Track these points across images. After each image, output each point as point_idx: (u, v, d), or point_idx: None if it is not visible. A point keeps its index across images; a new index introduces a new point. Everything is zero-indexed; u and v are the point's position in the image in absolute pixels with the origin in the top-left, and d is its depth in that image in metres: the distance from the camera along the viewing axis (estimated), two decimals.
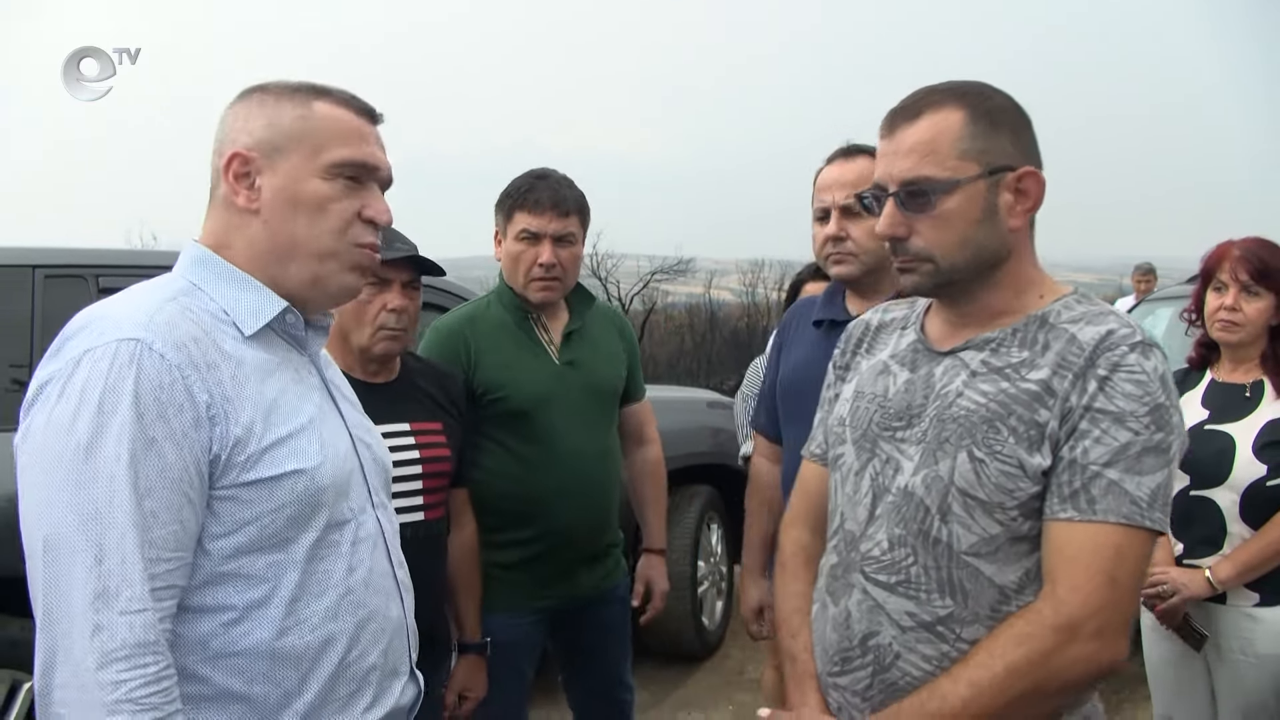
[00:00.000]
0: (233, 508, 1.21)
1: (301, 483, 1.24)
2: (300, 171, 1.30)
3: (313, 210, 1.30)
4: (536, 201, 2.39)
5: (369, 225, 1.34)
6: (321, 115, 1.32)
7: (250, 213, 1.30)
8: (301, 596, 1.25)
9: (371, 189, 1.35)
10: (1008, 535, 1.34)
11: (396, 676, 1.40)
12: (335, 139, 1.31)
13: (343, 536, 1.31)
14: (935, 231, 1.37)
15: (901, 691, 1.37)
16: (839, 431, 1.55)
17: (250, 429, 1.21)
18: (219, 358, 1.22)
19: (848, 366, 1.65)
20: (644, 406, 2.76)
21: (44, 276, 2.99)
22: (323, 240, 1.31)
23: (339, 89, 1.36)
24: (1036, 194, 1.39)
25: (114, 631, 1.10)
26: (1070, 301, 1.41)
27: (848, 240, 2.17)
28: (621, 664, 2.66)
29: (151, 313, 1.20)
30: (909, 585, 1.38)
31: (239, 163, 1.29)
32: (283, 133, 1.30)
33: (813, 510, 1.64)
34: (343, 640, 1.29)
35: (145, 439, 1.13)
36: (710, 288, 21.31)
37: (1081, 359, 1.32)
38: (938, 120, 1.37)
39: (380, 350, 2.08)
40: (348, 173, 1.32)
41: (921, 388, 1.44)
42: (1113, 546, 1.27)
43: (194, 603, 1.20)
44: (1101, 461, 1.28)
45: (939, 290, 1.44)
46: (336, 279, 1.34)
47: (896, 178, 1.38)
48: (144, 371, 1.14)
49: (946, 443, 1.37)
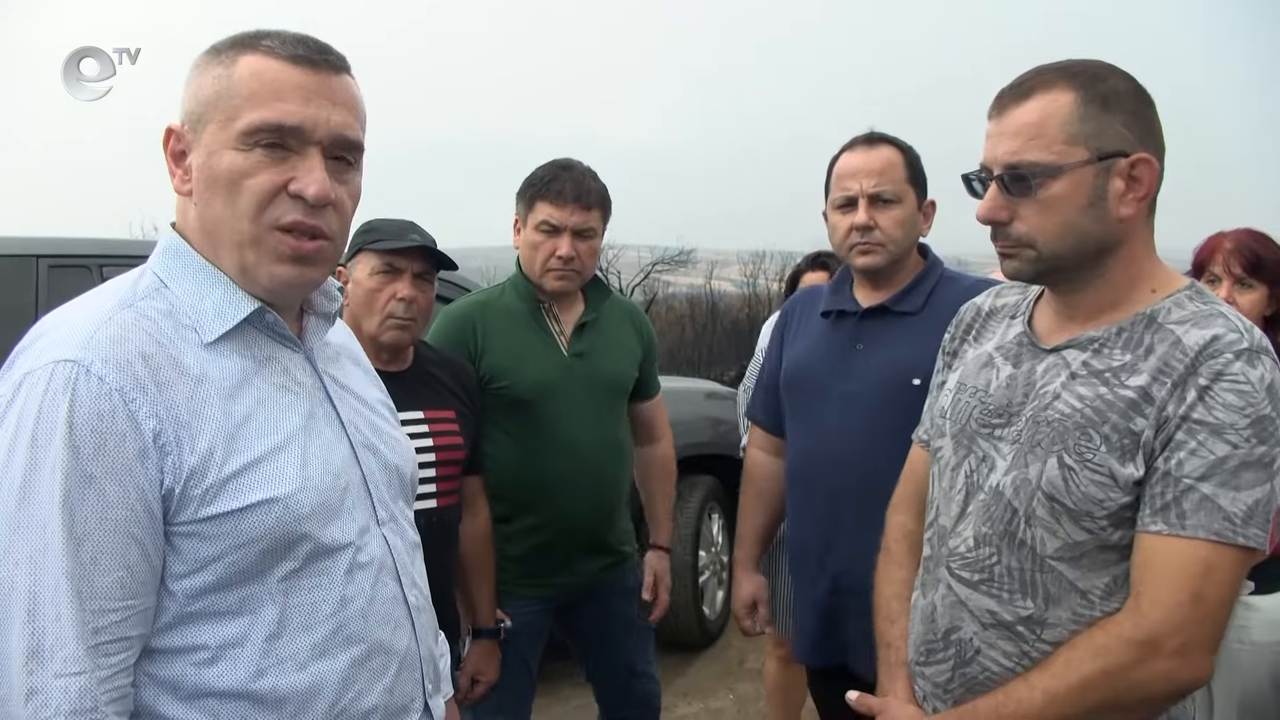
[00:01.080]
0: (195, 544, 1.07)
1: (274, 513, 1.09)
2: (214, 142, 1.11)
3: (226, 188, 1.10)
4: (559, 193, 2.38)
5: (298, 202, 1.11)
6: (240, 73, 1.11)
7: (185, 196, 1.15)
8: (282, 633, 1.11)
9: (306, 155, 1.12)
10: (1095, 543, 1.30)
11: (405, 714, 1.25)
12: (250, 100, 1.10)
13: (335, 564, 1.15)
14: (1038, 217, 1.32)
15: (981, 686, 1.37)
16: (940, 423, 1.53)
17: (209, 456, 1.06)
18: (174, 375, 1.06)
19: (955, 354, 1.61)
20: (657, 404, 2.77)
21: (48, 266, 3.01)
22: (239, 224, 1.11)
23: (280, 32, 1.15)
24: (1150, 182, 1.32)
25: (48, 697, 0.98)
26: (1182, 298, 1.33)
27: (876, 230, 2.10)
28: (638, 653, 2.67)
29: (97, 326, 1.05)
30: (992, 584, 1.37)
31: (174, 140, 1.15)
32: (203, 100, 1.12)
33: (919, 496, 1.61)
34: (334, 679, 1.14)
35: (81, 476, 0.99)
36: (711, 278, 21.28)
37: (1183, 365, 1.26)
38: (1047, 101, 1.30)
39: (388, 339, 2.10)
40: (264, 139, 1.10)
41: (1023, 385, 1.40)
42: (1201, 563, 1.22)
43: (162, 644, 1.07)
44: (1195, 475, 1.23)
45: (1041, 278, 1.39)
46: (264, 270, 1.14)
47: (1000, 160, 1.33)
48: (79, 399, 1.00)
49: (1039, 446, 1.33)
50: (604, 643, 2.63)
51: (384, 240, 2.10)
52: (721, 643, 4.79)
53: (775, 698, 3.48)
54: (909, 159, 2.15)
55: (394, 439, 1.34)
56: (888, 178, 2.11)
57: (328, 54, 1.15)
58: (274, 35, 1.14)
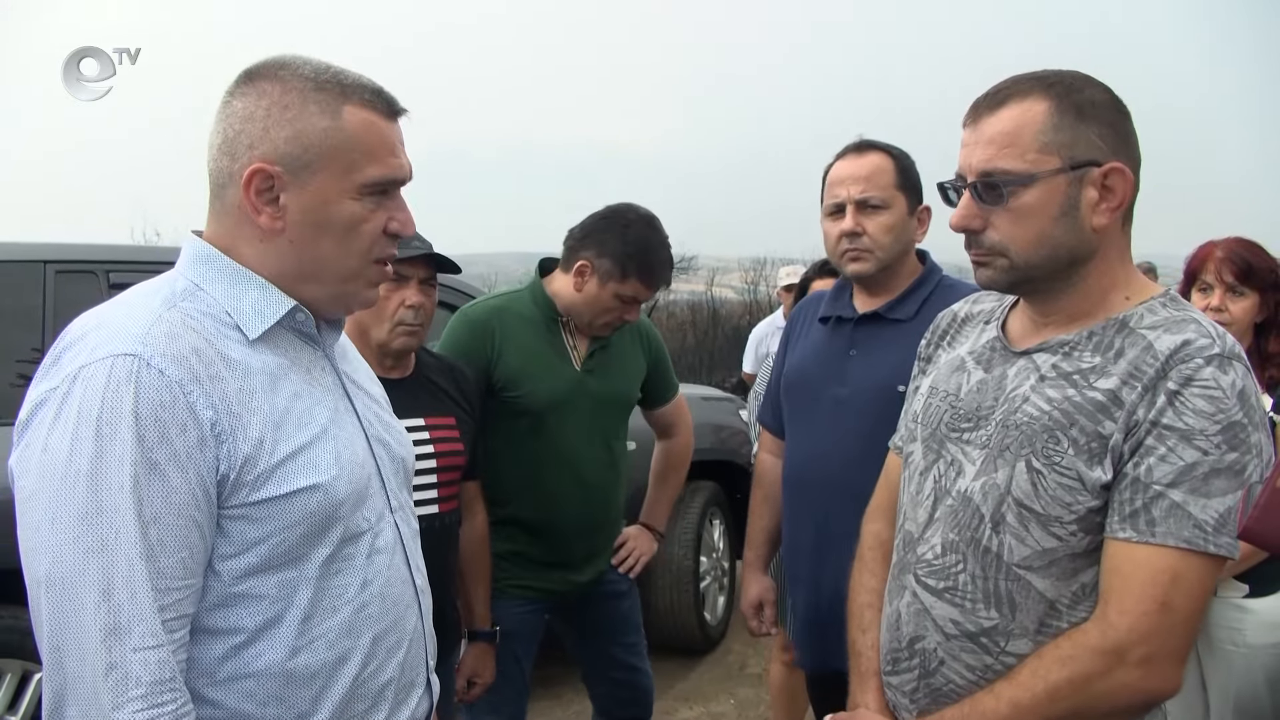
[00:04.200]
0: (243, 527, 1.14)
1: (315, 498, 1.17)
2: (330, 192, 1.19)
3: (342, 233, 1.21)
4: (656, 277, 2.42)
5: (391, 238, 1.26)
6: (353, 126, 1.20)
7: (274, 233, 1.20)
8: (314, 614, 1.19)
9: (396, 197, 1.26)
10: (1065, 551, 1.28)
11: (413, 688, 1.34)
12: (368, 155, 1.20)
13: (358, 549, 1.23)
14: (1010, 226, 1.31)
15: (946, 697, 1.36)
16: (911, 428, 1.52)
17: (260, 444, 1.14)
18: (224, 369, 1.13)
19: (929, 359, 1.60)
20: (675, 404, 2.82)
21: (55, 272, 3.04)
22: (349, 262, 1.23)
23: (363, 81, 1.23)
24: (1124, 192, 1.31)
25: (128, 669, 1.04)
26: (1155, 305, 1.32)
27: (864, 236, 2.12)
28: (631, 650, 2.70)
29: (150, 323, 1.11)
30: (956, 592, 1.35)
31: (261, 179, 1.17)
32: (311, 147, 1.18)
33: (894, 504, 1.59)
34: (357, 656, 1.23)
35: (147, 463, 1.06)
36: (712, 285, 21.26)
37: (1153, 370, 1.24)
38: (1021, 110, 1.30)
39: (398, 346, 2.12)
40: (379, 189, 1.22)
41: (993, 389, 1.39)
42: (1169, 571, 1.20)
43: (205, 625, 1.14)
44: (1165, 481, 1.21)
45: (1015, 287, 1.38)
46: (360, 297, 1.28)
47: (974, 168, 1.33)
48: (143, 390, 1.06)
49: (1007, 450, 1.32)
50: (597, 641, 2.67)
51: None
52: (723, 648, 4.80)
53: (780, 701, 3.49)
54: (900, 165, 2.16)
55: (399, 432, 1.42)
56: (874, 184, 2.12)
57: (399, 104, 1.27)
58: (358, 84, 1.22)
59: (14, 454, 1.11)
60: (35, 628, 1.09)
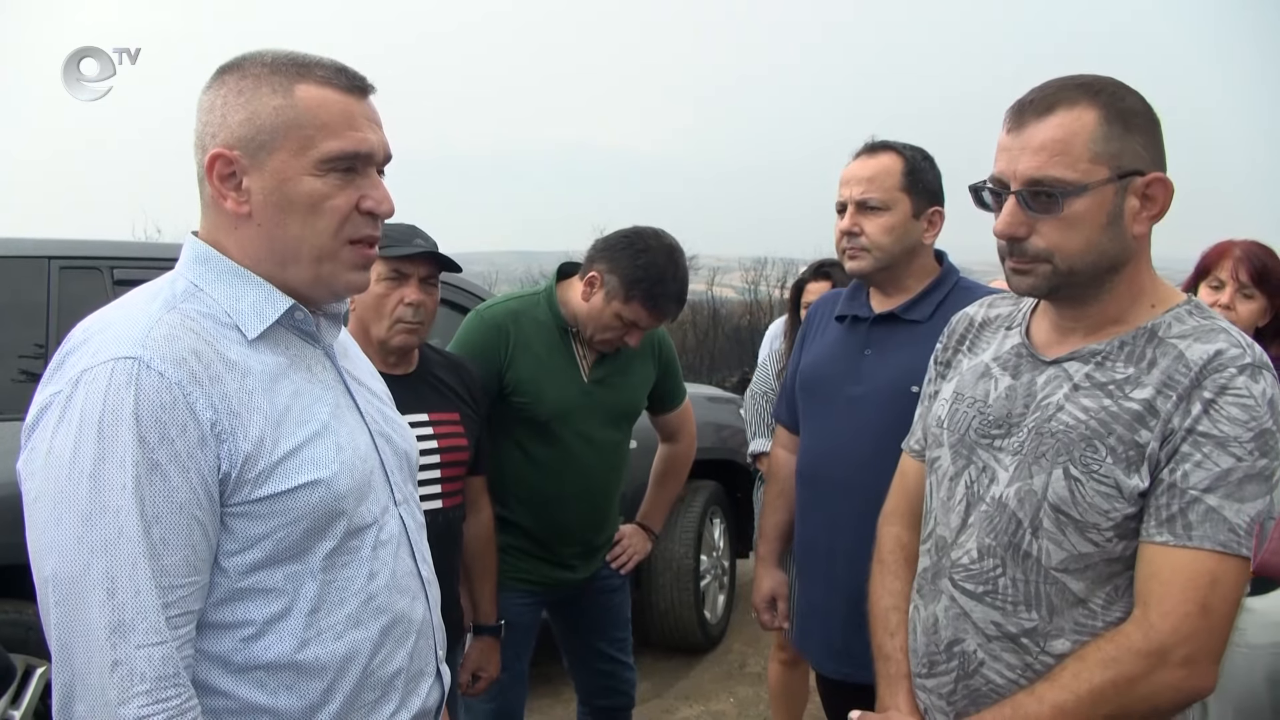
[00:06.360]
0: (247, 524, 1.16)
1: (318, 493, 1.19)
2: (289, 170, 1.19)
3: (306, 211, 1.20)
4: (659, 308, 2.38)
5: (368, 217, 1.24)
6: (305, 102, 1.19)
7: (241, 217, 1.21)
8: (321, 607, 1.21)
9: (368, 175, 1.24)
10: (1100, 555, 1.31)
11: (423, 678, 1.36)
12: (324, 130, 1.19)
13: (363, 542, 1.25)
14: (1059, 234, 1.31)
15: (984, 698, 1.37)
16: (936, 433, 1.53)
17: (260, 443, 1.15)
18: (223, 369, 1.15)
19: (948, 363, 1.60)
20: (682, 411, 2.83)
21: (60, 268, 3.04)
22: (320, 241, 1.22)
23: (324, 61, 1.23)
24: (1164, 200, 1.33)
25: (133, 665, 1.06)
26: (1182, 313, 1.35)
27: (861, 235, 2.14)
28: (616, 644, 2.74)
29: (149, 326, 1.13)
30: (996, 595, 1.37)
31: (221, 164, 1.19)
32: (264, 127, 1.18)
33: (912, 507, 1.61)
34: (366, 647, 1.25)
35: (149, 464, 1.08)
36: (713, 285, 21.30)
37: (1187, 379, 1.27)
38: (1071, 118, 1.29)
39: (398, 343, 2.13)
40: (341, 165, 1.21)
41: (1023, 396, 1.41)
42: (1208, 574, 1.24)
43: (213, 619, 1.16)
44: (1201, 486, 1.25)
45: (1053, 293, 1.38)
46: (341, 279, 1.26)
47: (1021, 175, 1.31)
48: (143, 392, 1.08)
49: (1043, 457, 1.34)
50: (586, 635, 2.71)
51: (391, 246, 2.12)
52: (723, 646, 4.81)
53: (779, 701, 3.50)
54: (909, 167, 2.16)
55: (402, 426, 1.43)
56: (876, 185, 2.13)
57: (365, 80, 1.25)
58: (316, 63, 1.22)
59: (21, 457, 1.14)
60: (44, 626, 1.11)
